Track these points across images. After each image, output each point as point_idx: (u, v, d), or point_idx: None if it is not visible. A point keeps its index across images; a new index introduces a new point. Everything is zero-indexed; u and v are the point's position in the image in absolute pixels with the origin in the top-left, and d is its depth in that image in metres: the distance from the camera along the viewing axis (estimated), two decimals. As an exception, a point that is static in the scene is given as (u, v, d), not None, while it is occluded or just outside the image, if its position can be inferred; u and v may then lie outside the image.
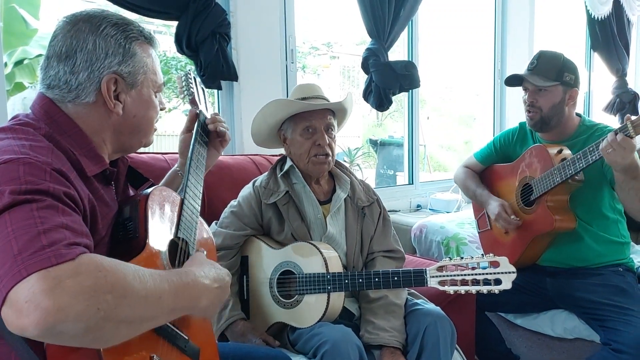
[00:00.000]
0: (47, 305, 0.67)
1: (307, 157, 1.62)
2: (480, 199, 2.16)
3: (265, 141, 1.75)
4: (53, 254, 0.71)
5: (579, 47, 4.63)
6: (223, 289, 1.01)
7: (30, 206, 0.76)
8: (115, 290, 0.73)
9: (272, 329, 1.58)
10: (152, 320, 0.82)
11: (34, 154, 0.83)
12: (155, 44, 1.08)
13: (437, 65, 6.33)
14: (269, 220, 1.65)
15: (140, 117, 1.04)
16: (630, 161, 1.62)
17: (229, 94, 2.39)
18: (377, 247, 1.71)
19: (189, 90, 1.31)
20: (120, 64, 0.98)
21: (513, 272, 1.42)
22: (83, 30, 0.96)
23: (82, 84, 0.96)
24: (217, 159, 1.38)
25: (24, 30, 4.04)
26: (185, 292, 0.88)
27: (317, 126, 1.62)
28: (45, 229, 0.74)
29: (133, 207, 1.01)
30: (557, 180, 1.81)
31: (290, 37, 2.56)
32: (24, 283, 0.69)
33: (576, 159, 1.75)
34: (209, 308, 0.96)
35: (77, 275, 0.71)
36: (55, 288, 0.68)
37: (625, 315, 1.72)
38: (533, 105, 1.96)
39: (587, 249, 1.93)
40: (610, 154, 1.61)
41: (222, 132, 1.32)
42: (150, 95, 1.06)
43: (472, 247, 2.53)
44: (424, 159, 6.63)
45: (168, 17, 2.14)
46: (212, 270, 1.00)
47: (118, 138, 1.03)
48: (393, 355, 1.49)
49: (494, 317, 2.19)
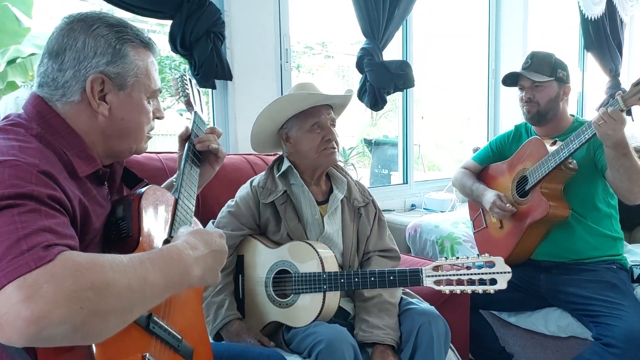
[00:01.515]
0: (26, 315, 0.66)
1: (317, 152, 1.63)
2: (477, 192, 2.19)
3: (265, 141, 1.73)
4: (31, 258, 0.70)
5: (572, 47, 4.65)
6: (217, 251, 0.98)
7: (11, 211, 0.75)
8: (95, 286, 0.72)
9: (267, 328, 1.58)
10: (143, 304, 0.80)
11: (22, 156, 0.82)
12: (153, 49, 1.07)
13: (431, 65, 6.34)
14: (266, 220, 1.65)
15: (129, 121, 1.02)
16: (621, 136, 1.69)
17: (224, 93, 2.38)
18: (372, 247, 1.73)
19: (185, 92, 1.30)
20: (109, 64, 0.97)
21: (508, 272, 1.42)
22: (76, 29, 0.96)
23: (68, 82, 0.95)
24: (211, 176, 1.34)
25: (17, 28, 4.02)
26: (173, 268, 0.85)
27: (323, 122, 1.63)
28: (26, 233, 0.73)
29: (126, 207, 1.00)
30: (551, 165, 1.85)
31: (285, 37, 2.55)
32: (2, 294, 0.68)
33: (569, 140, 1.82)
34: (205, 275, 0.93)
35: (54, 278, 0.69)
36: (32, 296, 0.67)
37: (615, 309, 1.74)
38: (530, 101, 2.02)
39: (581, 241, 1.96)
40: (602, 126, 1.68)
41: (215, 149, 1.27)
42: (142, 100, 1.04)
43: (467, 247, 2.54)
44: (419, 158, 6.64)
45: (162, 16, 2.13)
46: (199, 237, 0.96)
47: (107, 142, 1.02)
48: (383, 354, 1.50)
49: (488, 315, 2.20)
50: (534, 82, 2.00)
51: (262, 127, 1.68)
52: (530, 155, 2.01)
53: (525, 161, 2.03)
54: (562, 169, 1.87)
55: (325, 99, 1.63)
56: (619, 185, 1.83)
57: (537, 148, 1.98)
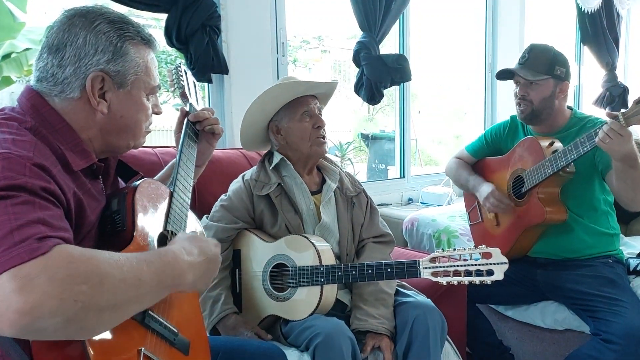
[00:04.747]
0: (19, 305, 0.66)
1: (309, 141, 1.65)
2: (473, 183, 2.16)
3: (255, 137, 1.73)
4: (24, 249, 0.70)
5: (569, 40, 4.64)
6: (211, 260, 1.00)
7: (4, 202, 0.74)
8: (90, 280, 0.72)
9: (264, 322, 1.58)
10: (136, 302, 0.81)
11: (15, 149, 0.82)
12: (153, 46, 1.06)
13: (428, 58, 6.33)
14: (261, 213, 1.65)
15: (128, 118, 1.02)
16: (629, 148, 1.63)
17: (220, 87, 2.37)
18: (366, 234, 1.75)
19: (179, 84, 1.30)
20: (109, 62, 0.96)
21: (505, 263, 1.43)
22: (77, 25, 0.95)
23: (68, 79, 0.95)
24: (211, 153, 1.36)
25: (12, 23, 3.99)
26: (167, 271, 0.87)
27: (312, 110, 1.67)
28: (19, 225, 0.73)
29: (121, 200, 1.00)
30: (548, 172, 1.82)
31: (281, 30, 2.54)
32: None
33: (567, 150, 1.76)
34: (197, 282, 0.95)
35: (48, 269, 0.69)
36: (25, 286, 0.67)
37: (614, 305, 1.74)
38: (524, 99, 1.97)
39: (578, 241, 1.94)
40: (609, 144, 1.62)
41: (211, 129, 1.30)
42: (141, 97, 1.04)
43: (463, 240, 2.54)
44: (415, 152, 6.64)
45: (158, 10, 2.12)
46: (195, 244, 0.98)
47: (105, 137, 1.01)
48: (377, 337, 1.51)
49: (485, 309, 2.20)
50: (528, 80, 1.94)
51: (252, 119, 1.68)
52: (527, 155, 1.96)
53: (522, 161, 1.99)
54: (560, 173, 1.83)
55: (315, 85, 1.68)
56: (623, 194, 1.80)
57: (533, 149, 1.93)
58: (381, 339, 1.52)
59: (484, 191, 2.06)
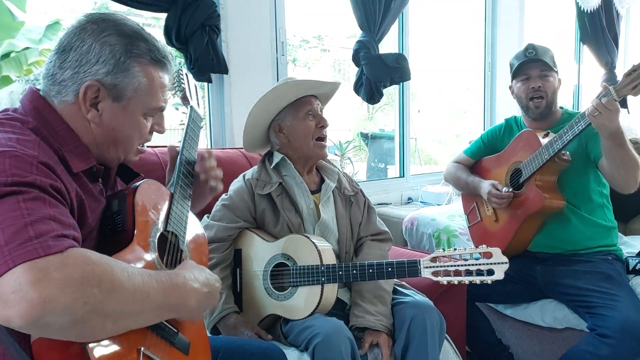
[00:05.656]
0: (33, 296, 0.67)
1: (311, 141, 1.66)
2: (472, 185, 2.19)
3: (257, 137, 1.74)
4: (40, 245, 0.71)
5: (568, 39, 4.65)
6: (212, 294, 1.03)
7: (16, 198, 0.75)
8: (102, 284, 0.73)
9: (265, 321, 1.58)
10: (139, 316, 0.82)
11: (21, 147, 0.83)
12: (164, 68, 1.04)
13: (427, 58, 6.33)
14: (263, 212, 1.65)
15: (119, 132, 1.01)
16: (617, 125, 1.70)
17: (219, 86, 2.37)
18: (365, 232, 1.77)
19: (181, 87, 1.31)
20: (108, 74, 0.96)
21: (505, 262, 1.44)
22: (87, 31, 0.96)
23: (65, 81, 0.95)
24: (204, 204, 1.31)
25: (11, 22, 3.99)
26: (174, 292, 0.89)
27: (316, 109, 1.69)
28: (32, 220, 0.74)
29: (121, 201, 1.00)
30: (545, 158, 1.86)
31: (281, 30, 2.54)
32: (11, 274, 0.69)
33: (563, 132, 1.82)
34: (195, 310, 0.97)
35: (64, 267, 0.71)
36: (42, 280, 0.68)
37: (610, 300, 1.75)
38: (539, 90, 2.01)
39: (576, 232, 1.97)
40: (598, 118, 1.69)
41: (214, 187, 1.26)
42: (136, 115, 1.02)
43: (463, 239, 2.54)
44: (415, 152, 6.64)
45: (157, 9, 2.12)
46: (203, 274, 1.01)
47: (97, 146, 1.01)
48: (375, 333, 1.52)
49: (484, 308, 2.21)
50: (543, 71, 2.00)
51: (256, 119, 1.68)
52: (524, 147, 2.01)
53: (519, 153, 2.04)
54: (556, 160, 1.89)
55: (320, 84, 1.69)
56: (615, 175, 1.84)
57: (530, 140, 1.98)
58: (379, 336, 1.53)
59: (484, 189, 2.08)
